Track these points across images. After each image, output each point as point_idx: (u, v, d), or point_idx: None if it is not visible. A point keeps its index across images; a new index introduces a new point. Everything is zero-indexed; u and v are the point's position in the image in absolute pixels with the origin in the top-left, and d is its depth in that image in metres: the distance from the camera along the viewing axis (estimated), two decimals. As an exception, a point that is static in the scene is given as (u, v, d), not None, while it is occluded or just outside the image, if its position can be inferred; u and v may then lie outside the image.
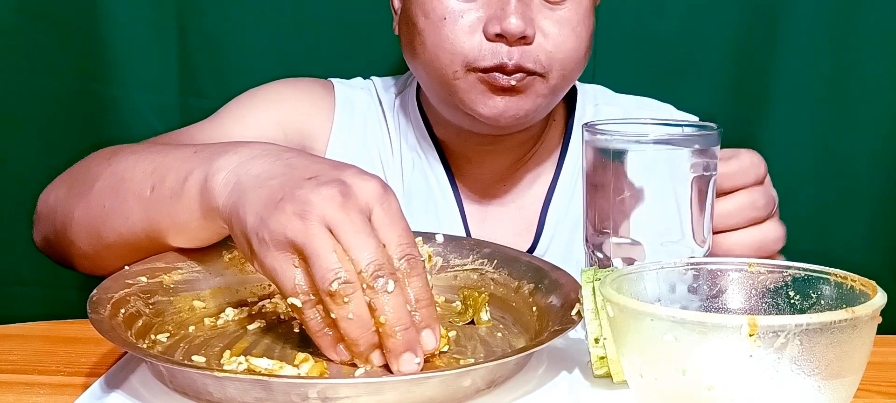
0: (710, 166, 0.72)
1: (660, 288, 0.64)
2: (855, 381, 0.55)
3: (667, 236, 0.71)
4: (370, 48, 1.31)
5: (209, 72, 1.33)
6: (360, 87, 1.13)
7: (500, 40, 0.93)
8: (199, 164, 0.75)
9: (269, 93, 1.08)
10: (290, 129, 1.06)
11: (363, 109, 1.11)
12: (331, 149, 1.07)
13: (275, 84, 1.10)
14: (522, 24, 0.92)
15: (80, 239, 0.85)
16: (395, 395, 0.61)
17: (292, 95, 1.09)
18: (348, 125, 1.09)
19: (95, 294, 0.71)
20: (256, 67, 1.27)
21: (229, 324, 0.77)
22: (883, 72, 1.33)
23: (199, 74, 1.33)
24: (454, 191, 1.07)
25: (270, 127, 1.04)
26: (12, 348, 0.78)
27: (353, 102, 1.11)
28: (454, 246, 0.87)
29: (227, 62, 1.33)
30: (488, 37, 0.94)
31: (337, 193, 0.65)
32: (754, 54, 1.34)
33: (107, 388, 0.67)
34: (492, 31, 0.93)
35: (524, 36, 0.93)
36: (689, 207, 0.72)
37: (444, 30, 0.95)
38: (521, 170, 1.09)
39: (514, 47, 0.93)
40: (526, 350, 0.66)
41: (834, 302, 0.60)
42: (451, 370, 0.65)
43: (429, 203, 1.07)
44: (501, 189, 1.09)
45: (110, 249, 0.81)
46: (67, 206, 0.87)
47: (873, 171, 1.36)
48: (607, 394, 0.67)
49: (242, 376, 0.61)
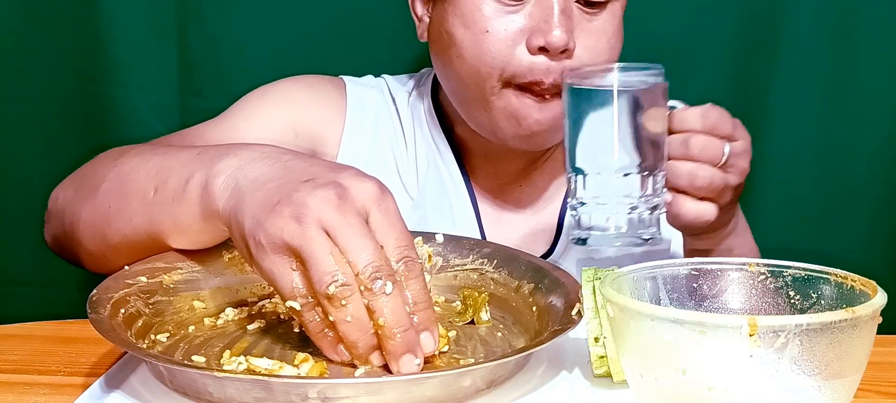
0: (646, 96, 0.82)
1: (660, 288, 0.64)
2: (855, 381, 0.55)
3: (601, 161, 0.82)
4: (371, 48, 1.31)
5: (209, 73, 1.33)
6: (372, 85, 1.12)
7: (543, 53, 0.93)
8: (200, 167, 0.75)
9: (279, 92, 1.07)
10: (301, 129, 1.05)
11: (375, 107, 1.10)
12: (343, 147, 1.06)
13: (285, 82, 1.09)
14: (566, 36, 0.91)
15: (87, 240, 0.85)
16: (394, 395, 0.61)
17: (303, 94, 1.08)
18: (360, 123, 1.08)
19: (95, 294, 0.71)
20: (256, 67, 1.27)
21: (229, 324, 0.77)
22: (883, 73, 1.33)
23: (199, 74, 1.33)
24: (469, 191, 1.07)
25: (281, 126, 1.04)
26: (12, 348, 0.78)
27: (365, 100, 1.09)
28: (454, 246, 0.87)
29: (227, 62, 1.32)
30: (531, 49, 0.93)
31: (333, 195, 0.65)
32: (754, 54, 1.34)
33: (107, 388, 0.67)
34: (536, 43, 0.92)
35: (566, 49, 0.92)
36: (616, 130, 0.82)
37: (485, 43, 0.93)
38: (537, 171, 1.08)
39: (554, 60, 0.92)
40: (526, 350, 0.66)
41: (834, 302, 0.60)
42: (451, 370, 0.65)
43: (443, 202, 1.06)
44: (517, 190, 1.08)
45: (115, 250, 0.82)
46: (75, 206, 0.88)
47: (873, 171, 1.36)
48: (607, 394, 0.67)
49: (242, 376, 0.61)
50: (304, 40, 1.33)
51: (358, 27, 1.32)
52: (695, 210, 0.84)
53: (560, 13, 0.91)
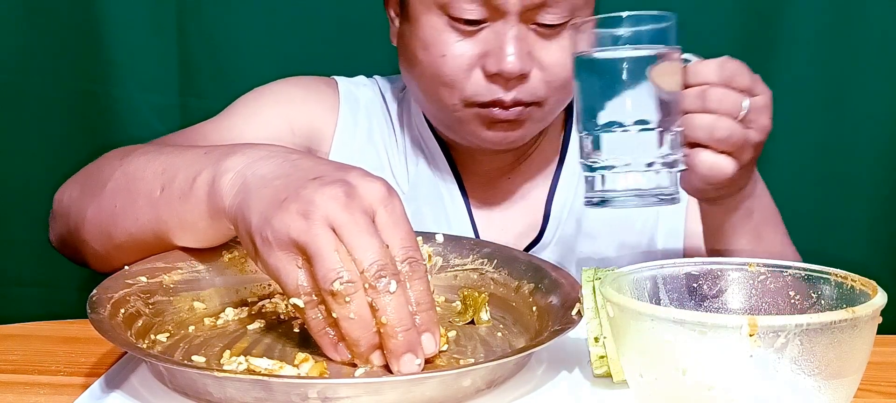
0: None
1: (660, 288, 0.64)
2: (855, 381, 0.55)
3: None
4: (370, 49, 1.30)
5: (209, 72, 1.33)
6: (364, 84, 1.13)
7: (498, 80, 0.93)
8: (208, 165, 0.75)
9: (275, 92, 1.08)
10: (297, 126, 1.06)
11: (367, 105, 1.11)
12: (336, 145, 1.08)
13: (280, 82, 1.10)
14: (519, 63, 0.91)
15: (93, 239, 0.85)
16: (395, 395, 0.61)
17: (299, 93, 1.09)
18: (353, 121, 1.09)
19: (95, 294, 0.71)
20: (256, 67, 1.27)
21: (229, 324, 0.77)
22: (883, 72, 1.33)
23: (199, 74, 1.33)
24: (459, 186, 1.08)
25: (278, 125, 1.05)
26: (12, 348, 0.78)
27: (358, 99, 1.11)
28: (454, 246, 0.87)
29: (227, 62, 1.33)
30: (487, 74, 0.93)
31: (341, 193, 0.65)
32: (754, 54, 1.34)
33: (107, 388, 0.67)
34: (490, 69, 0.92)
35: (522, 74, 0.92)
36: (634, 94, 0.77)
37: (443, 67, 0.94)
38: (525, 162, 1.09)
39: (511, 84, 0.93)
40: (526, 350, 0.66)
41: (834, 302, 0.60)
42: (451, 370, 0.65)
43: (435, 198, 1.07)
44: (506, 182, 1.09)
45: (121, 249, 0.82)
46: (80, 206, 0.88)
47: (873, 171, 1.36)
48: (607, 394, 0.67)
49: (242, 376, 0.61)
50: (303, 40, 1.33)
51: (358, 28, 1.32)
52: (712, 162, 0.79)
53: (514, 38, 0.91)
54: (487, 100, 0.94)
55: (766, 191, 0.98)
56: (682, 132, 0.79)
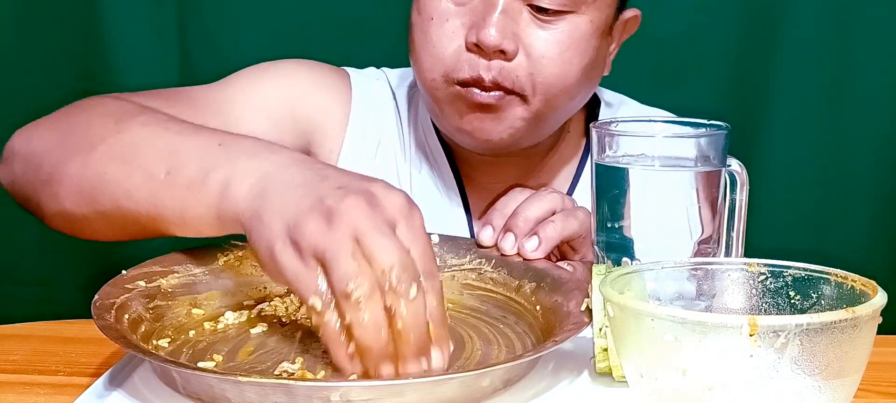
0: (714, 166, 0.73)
1: (660, 288, 0.64)
2: (855, 381, 0.55)
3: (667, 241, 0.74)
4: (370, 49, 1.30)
5: (209, 73, 1.33)
6: (375, 78, 1.10)
7: (478, 51, 0.91)
8: (223, 162, 0.72)
9: (281, 70, 1.04)
10: (300, 113, 1.02)
11: (379, 101, 1.07)
12: (347, 141, 1.04)
13: (289, 61, 1.06)
14: (499, 37, 0.89)
15: (69, 197, 0.81)
16: (416, 396, 0.60)
17: (308, 77, 1.05)
18: (365, 116, 1.06)
19: (98, 299, 0.70)
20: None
21: (230, 328, 0.77)
22: (883, 72, 1.33)
23: (199, 74, 1.33)
24: (462, 199, 1.05)
25: (279, 105, 1.01)
26: (12, 348, 0.78)
27: (371, 93, 1.07)
28: (451, 246, 0.87)
29: (227, 62, 1.32)
30: (467, 45, 0.91)
31: (364, 202, 0.64)
32: (754, 54, 1.34)
33: (108, 387, 0.67)
34: (470, 39, 0.90)
35: (503, 50, 0.90)
36: (689, 210, 0.73)
37: (429, 31, 0.93)
38: (532, 182, 1.04)
39: (492, 61, 0.90)
40: (545, 349, 0.66)
41: (834, 302, 0.60)
42: (472, 371, 0.65)
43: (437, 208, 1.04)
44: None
45: (103, 217, 0.78)
46: (58, 158, 0.82)
47: (873, 171, 1.36)
48: (607, 394, 0.67)
49: (263, 380, 0.60)
50: (304, 40, 1.33)
51: (358, 27, 1.32)
52: None
53: (500, 13, 0.90)
54: (466, 77, 0.91)
55: None
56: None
